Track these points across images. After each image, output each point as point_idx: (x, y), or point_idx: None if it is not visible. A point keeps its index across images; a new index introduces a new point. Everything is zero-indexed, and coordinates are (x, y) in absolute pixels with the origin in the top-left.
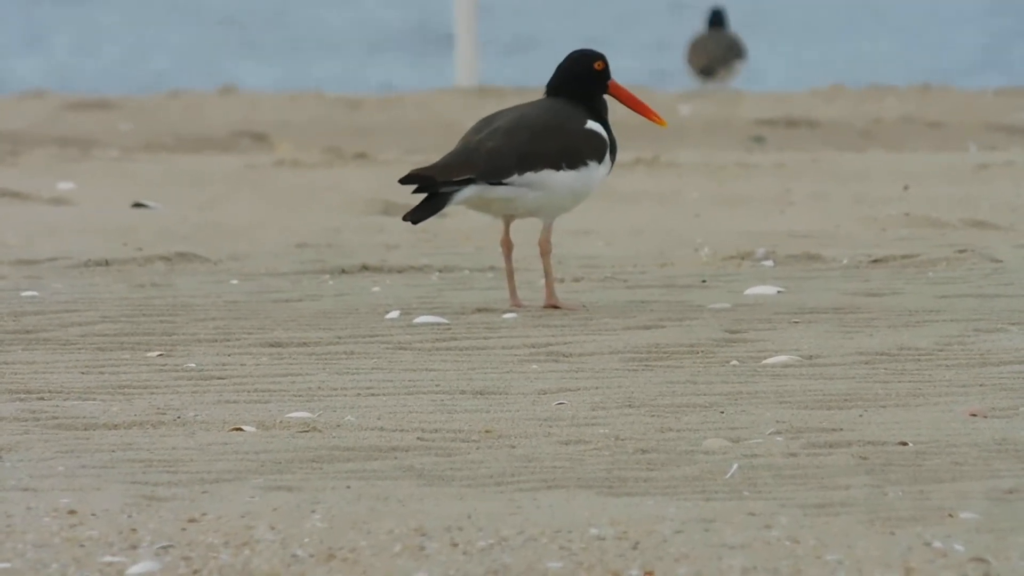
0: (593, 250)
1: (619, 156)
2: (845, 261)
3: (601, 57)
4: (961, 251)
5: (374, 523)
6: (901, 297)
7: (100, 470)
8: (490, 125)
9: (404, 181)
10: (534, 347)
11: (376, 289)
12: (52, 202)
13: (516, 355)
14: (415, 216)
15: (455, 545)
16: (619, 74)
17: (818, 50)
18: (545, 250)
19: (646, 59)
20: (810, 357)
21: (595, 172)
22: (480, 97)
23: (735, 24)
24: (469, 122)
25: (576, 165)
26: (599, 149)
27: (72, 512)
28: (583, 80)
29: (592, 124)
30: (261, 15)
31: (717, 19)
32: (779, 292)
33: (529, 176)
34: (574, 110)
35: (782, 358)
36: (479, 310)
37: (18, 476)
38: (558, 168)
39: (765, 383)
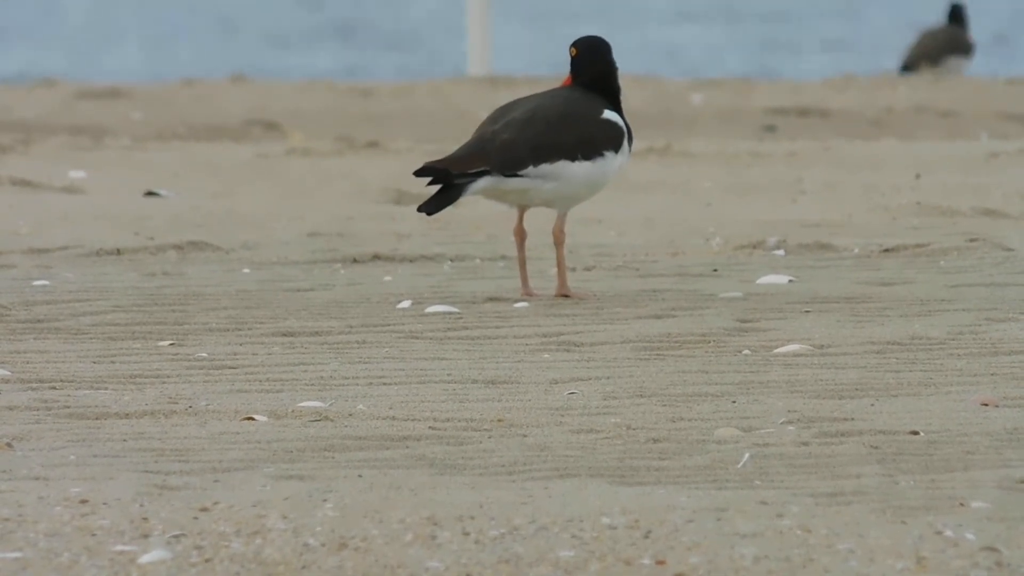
0: (605, 239)
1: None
2: (857, 250)
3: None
4: (972, 240)
5: (386, 512)
6: (912, 286)
7: (112, 459)
8: (506, 115)
9: (419, 174)
10: (546, 336)
11: (388, 278)
12: (64, 191)
13: (528, 344)
14: (429, 207)
15: (467, 534)
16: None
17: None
18: (559, 240)
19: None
20: (821, 346)
21: (611, 162)
22: (492, 86)
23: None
24: (481, 111)
25: (592, 156)
26: (616, 139)
27: (84, 501)
28: (601, 67)
29: (609, 113)
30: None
31: (956, 15)
32: (790, 281)
33: (544, 168)
34: (591, 99)
35: (793, 347)
36: (491, 299)
37: (30, 465)
38: (574, 159)
39: (776, 372)
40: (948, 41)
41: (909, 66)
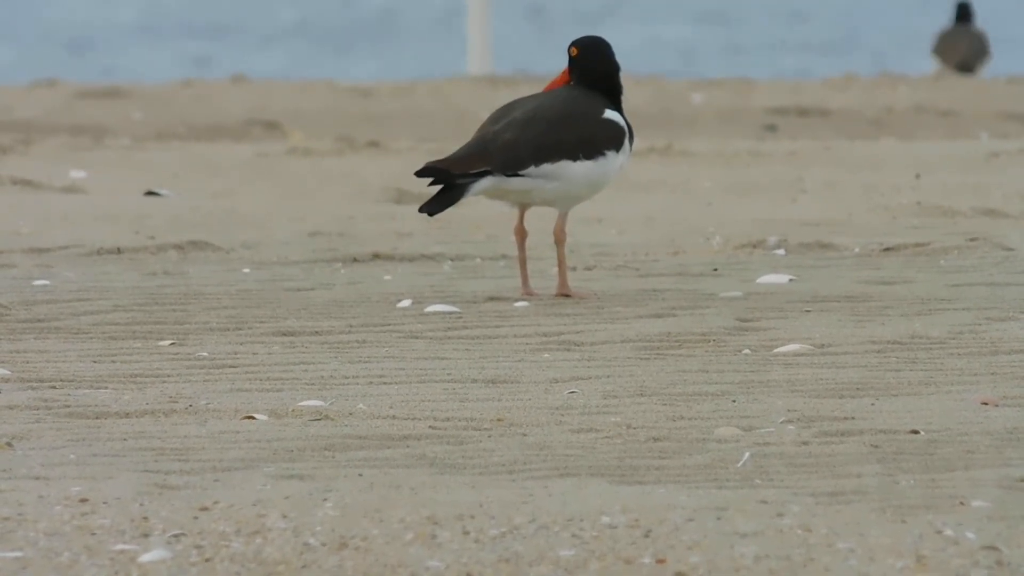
0: (605, 238)
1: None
2: (857, 249)
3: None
4: (973, 239)
5: (386, 511)
6: (913, 285)
7: (112, 458)
8: (507, 115)
9: (420, 174)
10: (546, 336)
11: (388, 278)
12: (64, 190)
13: (528, 344)
14: (431, 208)
15: (467, 533)
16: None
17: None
18: (560, 239)
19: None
20: (822, 346)
21: (612, 161)
22: (492, 86)
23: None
24: (482, 110)
25: (593, 155)
26: (617, 138)
27: (84, 500)
28: (603, 68)
29: (610, 113)
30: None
31: (964, 13)
32: (791, 280)
33: (546, 167)
34: (592, 99)
35: (794, 347)
36: (491, 299)
37: (30, 465)
38: (575, 159)
39: (777, 372)
40: (984, 42)
41: (967, 67)
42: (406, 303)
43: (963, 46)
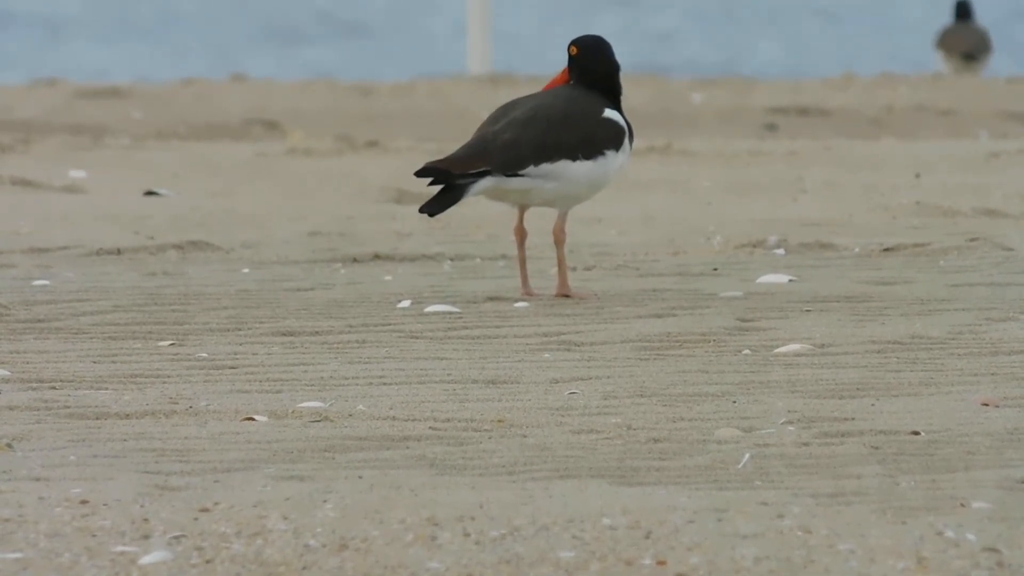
0: (605, 238)
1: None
2: (857, 249)
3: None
4: (973, 239)
5: (386, 513)
6: (913, 286)
7: (112, 459)
8: (507, 115)
9: (420, 174)
10: (546, 336)
11: (388, 278)
12: (64, 190)
13: (528, 344)
14: (431, 208)
15: (467, 535)
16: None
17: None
18: (560, 239)
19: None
20: (822, 346)
21: (613, 161)
22: (493, 84)
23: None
24: (482, 110)
25: (593, 155)
26: (617, 138)
27: (84, 502)
28: (603, 67)
29: (610, 112)
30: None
31: (964, 11)
32: (791, 280)
33: (545, 167)
34: (592, 98)
35: (794, 347)
36: (491, 299)
37: (30, 466)
38: (575, 159)
39: (777, 372)
40: (987, 37)
41: (972, 56)
42: (406, 303)
43: (967, 38)
